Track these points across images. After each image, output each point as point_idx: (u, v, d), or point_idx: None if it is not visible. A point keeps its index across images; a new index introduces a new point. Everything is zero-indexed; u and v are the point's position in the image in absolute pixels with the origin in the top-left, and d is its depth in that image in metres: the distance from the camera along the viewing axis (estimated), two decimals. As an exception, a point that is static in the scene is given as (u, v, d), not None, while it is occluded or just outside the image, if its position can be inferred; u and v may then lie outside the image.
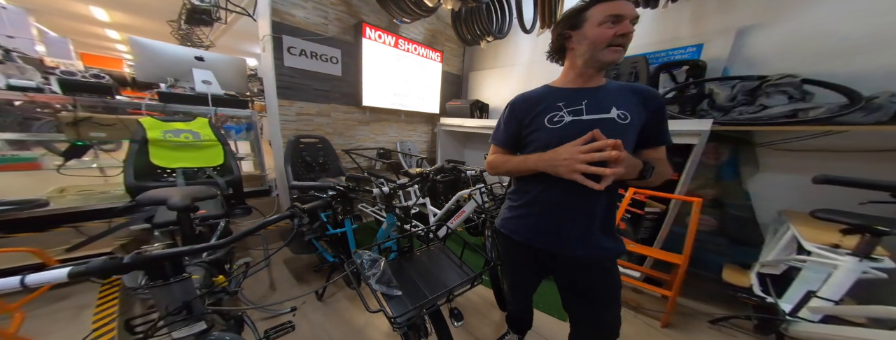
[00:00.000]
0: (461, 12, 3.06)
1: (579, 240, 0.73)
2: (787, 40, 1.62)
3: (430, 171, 1.75)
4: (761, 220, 1.72)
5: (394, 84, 2.99)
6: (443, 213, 1.92)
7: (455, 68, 3.77)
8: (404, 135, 3.36)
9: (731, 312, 1.46)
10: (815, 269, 1.14)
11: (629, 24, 0.65)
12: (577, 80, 0.74)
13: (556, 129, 0.71)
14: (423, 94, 3.32)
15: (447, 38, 3.53)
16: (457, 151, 3.75)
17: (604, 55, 0.66)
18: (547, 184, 0.72)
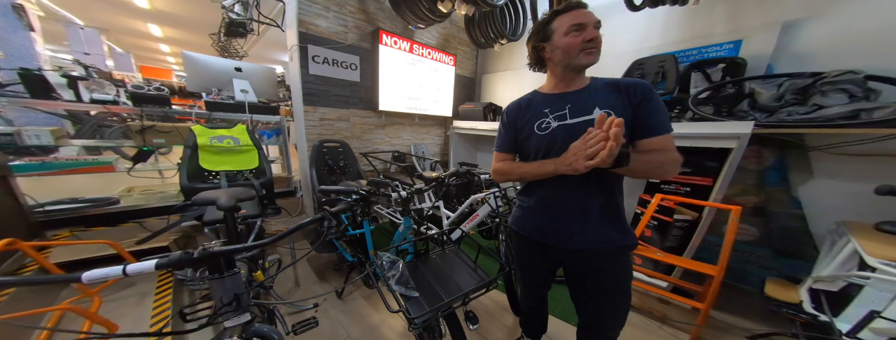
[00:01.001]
0: (475, 16, 3.10)
1: (579, 234, 0.76)
2: (841, 33, 1.46)
3: (446, 176, 1.81)
4: (815, 231, 1.56)
5: (408, 88, 3.09)
6: (456, 216, 1.93)
7: (468, 71, 3.82)
8: (418, 138, 3.46)
9: (772, 329, 1.38)
10: (880, 287, 1.04)
11: (593, 29, 0.69)
12: (559, 85, 0.79)
13: (544, 136, 0.75)
14: (436, 98, 3.40)
15: (460, 41, 3.59)
16: (469, 154, 3.80)
17: (579, 59, 0.70)
18: (547, 183, 0.78)
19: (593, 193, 0.75)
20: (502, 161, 0.87)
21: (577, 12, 0.69)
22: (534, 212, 0.84)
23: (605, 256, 0.78)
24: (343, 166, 2.48)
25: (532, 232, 0.85)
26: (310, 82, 2.39)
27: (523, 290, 1.04)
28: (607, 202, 0.76)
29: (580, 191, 0.75)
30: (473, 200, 1.78)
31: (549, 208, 0.80)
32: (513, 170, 0.82)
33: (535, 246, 0.86)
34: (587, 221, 0.76)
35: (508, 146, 0.86)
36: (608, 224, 0.76)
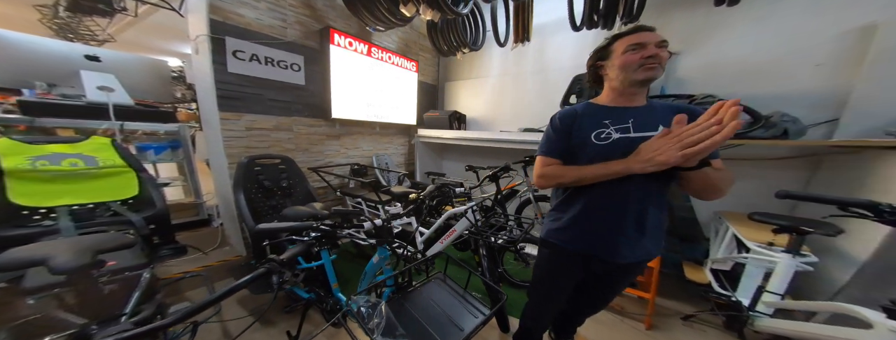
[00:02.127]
0: (438, 23, 2.82)
1: (632, 247, 0.72)
2: (706, 66, 1.81)
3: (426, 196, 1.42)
4: (701, 220, 1.75)
5: (367, 94, 2.57)
6: (432, 233, 1.62)
7: (431, 78, 3.44)
8: (380, 149, 2.94)
9: (698, 308, 1.48)
10: (757, 264, 1.20)
11: (654, 47, 0.66)
12: (618, 99, 0.74)
13: (604, 145, 0.70)
14: (398, 105, 2.93)
15: (421, 47, 3.20)
16: (435, 163, 3.41)
17: (637, 74, 0.68)
18: (597, 191, 0.72)
19: (653, 203, 0.71)
20: (550, 165, 0.77)
21: (637, 34, 0.69)
22: (577, 222, 0.76)
23: (638, 267, 0.78)
24: (287, 186, 1.84)
25: (574, 243, 0.77)
26: (229, 83, 1.73)
27: (541, 306, 0.90)
28: (661, 214, 0.73)
29: (640, 200, 0.70)
30: (451, 215, 1.51)
31: (599, 218, 0.73)
32: (566, 172, 0.73)
33: (574, 259, 0.78)
34: (643, 234, 0.71)
35: (559, 150, 0.77)
36: (656, 238, 0.74)
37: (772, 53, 1.61)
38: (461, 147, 3.11)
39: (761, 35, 1.63)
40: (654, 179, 0.66)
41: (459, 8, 2.19)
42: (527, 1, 2.31)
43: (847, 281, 1.12)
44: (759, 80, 1.63)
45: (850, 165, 1.37)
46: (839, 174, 1.42)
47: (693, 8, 1.77)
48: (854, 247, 1.15)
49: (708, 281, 1.41)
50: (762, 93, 1.59)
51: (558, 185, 0.78)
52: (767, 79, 1.61)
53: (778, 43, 1.59)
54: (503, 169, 2.01)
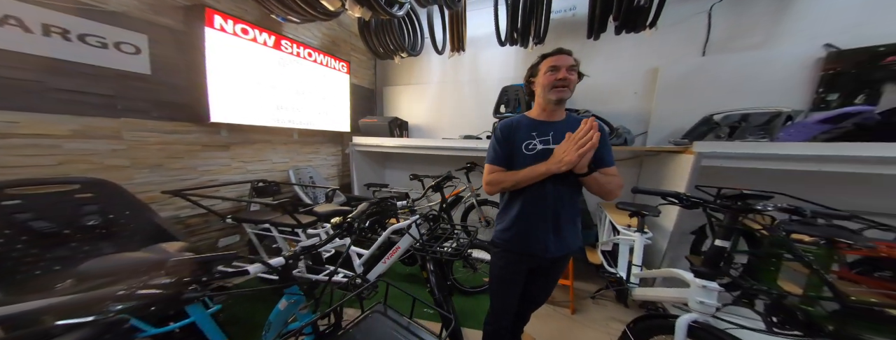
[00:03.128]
0: (371, 23, 2.35)
1: (555, 242, 0.79)
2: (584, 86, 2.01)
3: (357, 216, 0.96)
4: (591, 209, 1.98)
5: (277, 95, 1.90)
6: (371, 255, 1.30)
7: (367, 81, 2.88)
8: (301, 160, 2.23)
9: (599, 286, 1.62)
10: (625, 243, 1.40)
11: (565, 71, 0.76)
12: (542, 114, 0.83)
13: (530, 156, 0.78)
14: (326, 109, 2.29)
15: (354, 48, 2.63)
16: (375, 173, 2.84)
17: (551, 94, 0.78)
18: (525, 196, 0.79)
19: (565, 202, 0.78)
20: (494, 172, 0.83)
21: (555, 57, 0.78)
22: (516, 224, 0.81)
23: (564, 259, 0.86)
24: (99, 225, 1.08)
25: (515, 243, 0.82)
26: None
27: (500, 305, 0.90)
28: (573, 210, 0.81)
29: (555, 200, 0.77)
30: (394, 230, 1.25)
31: (530, 219, 0.79)
32: (506, 178, 0.80)
33: (518, 257, 0.83)
34: (560, 230, 0.79)
35: (501, 159, 0.83)
36: (573, 231, 0.82)
37: (615, 81, 1.97)
38: (405, 155, 2.64)
39: (610, 66, 1.99)
40: (565, 183, 0.75)
41: (394, 10, 1.79)
42: (460, 11, 2.11)
43: (666, 247, 1.43)
44: (609, 101, 1.99)
45: (656, 164, 1.73)
46: (652, 170, 1.79)
47: (575, 37, 1.95)
48: (666, 223, 1.44)
49: (600, 262, 1.54)
50: (612, 111, 1.94)
51: (502, 190, 0.82)
52: (614, 100, 1.98)
53: (617, 74, 1.97)
54: (446, 177, 1.80)
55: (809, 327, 0.71)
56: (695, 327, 0.73)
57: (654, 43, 1.81)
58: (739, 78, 1.61)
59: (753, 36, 1.62)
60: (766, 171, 1.17)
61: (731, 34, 1.67)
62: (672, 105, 1.78)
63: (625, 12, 1.54)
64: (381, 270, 1.18)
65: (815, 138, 1.19)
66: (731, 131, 1.42)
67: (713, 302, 0.75)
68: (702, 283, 0.77)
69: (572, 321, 1.41)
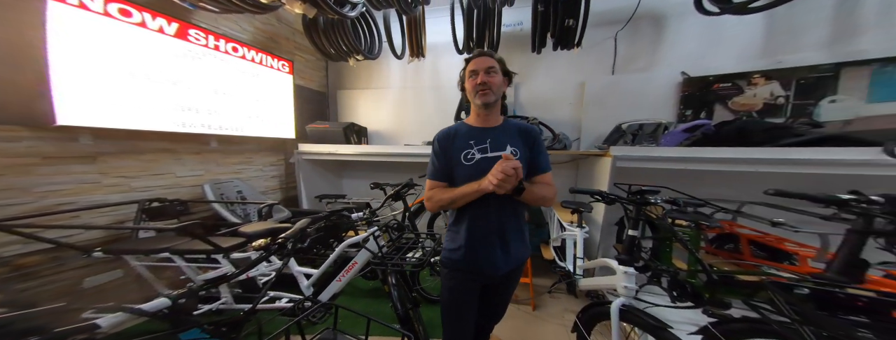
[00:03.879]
0: (318, 21, 2.00)
1: (504, 259, 0.73)
2: (533, 95, 2.17)
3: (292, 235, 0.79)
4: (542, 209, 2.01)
5: (182, 93, 1.40)
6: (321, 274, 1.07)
7: (316, 84, 2.46)
8: (223, 172, 1.71)
9: (553, 280, 1.61)
10: (569, 238, 1.47)
11: (483, 74, 0.70)
12: (478, 120, 0.76)
13: (470, 166, 0.71)
14: (259, 113, 1.83)
15: (298, 46, 2.22)
16: (330, 184, 2.41)
17: (476, 100, 0.72)
18: (472, 212, 0.72)
19: (509, 216, 0.73)
20: (434, 189, 0.75)
21: (473, 61, 0.72)
22: (465, 242, 0.73)
23: (517, 270, 0.78)
24: None
25: (465, 262, 0.73)
26: None
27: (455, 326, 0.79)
28: (518, 223, 0.75)
29: (499, 215, 0.72)
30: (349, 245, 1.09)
31: (477, 236, 0.72)
32: (444, 196, 0.72)
33: (469, 276, 0.75)
34: (508, 245, 0.73)
35: (441, 174, 0.75)
36: (520, 244, 0.76)
37: (554, 92, 2.10)
38: (365, 163, 2.34)
39: (550, 78, 2.11)
40: (507, 196, 0.67)
41: (345, 10, 1.53)
42: (418, 17, 1.99)
43: (599, 239, 1.54)
44: (551, 109, 2.10)
45: (588, 165, 1.86)
46: (586, 171, 1.93)
47: (523, 50, 1.96)
48: (598, 218, 1.57)
49: (552, 258, 1.58)
50: (554, 118, 2.04)
51: (442, 208, 0.75)
52: (554, 109, 2.10)
53: (556, 85, 2.09)
54: (406, 185, 1.63)
55: (696, 297, 0.79)
56: (624, 310, 0.77)
57: (581, 60, 1.94)
58: (635, 94, 1.93)
59: (641, 61, 1.96)
60: (659, 170, 1.35)
61: (628, 58, 1.97)
62: (596, 114, 1.96)
63: (559, 31, 1.67)
64: (337, 289, 1.01)
65: (682, 144, 1.43)
66: (633, 137, 1.68)
67: (633, 286, 0.81)
68: (624, 269, 0.82)
69: (534, 317, 1.39)
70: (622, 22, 1.83)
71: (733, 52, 1.73)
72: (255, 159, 1.94)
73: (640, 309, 0.77)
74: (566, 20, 1.59)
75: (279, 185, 2.13)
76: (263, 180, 2.00)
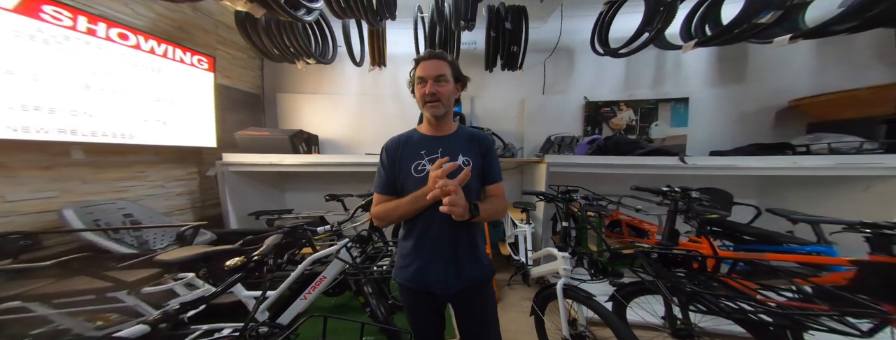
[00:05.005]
0: (261, 20, 1.70)
1: (455, 277, 0.66)
2: (487, 108, 2.39)
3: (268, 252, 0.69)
4: None
5: (26, 88, 0.99)
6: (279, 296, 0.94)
7: (247, 84, 2.13)
8: (96, 191, 1.25)
9: (511, 274, 1.75)
10: (520, 234, 1.66)
11: (432, 83, 0.62)
12: (430, 128, 0.70)
13: (420, 179, 0.64)
14: (161, 116, 1.45)
15: (222, 40, 1.90)
16: (269, 198, 2.08)
17: (426, 110, 0.65)
18: (419, 227, 0.66)
19: (462, 229, 0.66)
20: (380, 203, 0.67)
21: (423, 63, 0.64)
22: (414, 260, 0.67)
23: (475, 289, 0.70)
24: None
25: (415, 282, 0.67)
26: None
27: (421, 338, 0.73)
28: (470, 240, 0.68)
29: (449, 232, 0.64)
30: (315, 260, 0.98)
31: (426, 252, 0.66)
32: (390, 210, 0.64)
33: (421, 297, 0.68)
34: (460, 262, 0.66)
35: (387, 186, 0.67)
36: (474, 264, 0.68)
37: (504, 106, 2.36)
38: (314, 174, 2.10)
39: (500, 94, 2.35)
40: None
41: (300, 13, 1.42)
42: (380, 29, 1.97)
43: (541, 232, 1.73)
44: (501, 121, 2.35)
45: (531, 171, 2.09)
46: (529, 176, 2.15)
47: (479, 66, 2.12)
48: (538, 214, 1.78)
49: (508, 253, 1.74)
50: (505, 129, 2.28)
51: (390, 223, 0.69)
52: (504, 121, 2.35)
53: (505, 101, 2.35)
54: None
55: (604, 271, 1.07)
56: (566, 288, 0.93)
57: (523, 80, 2.21)
58: (558, 111, 2.41)
59: (561, 85, 2.34)
60: (575, 173, 1.64)
61: (553, 82, 2.31)
62: (534, 127, 2.27)
63: (506, 54, 1.85)
64: (301, 308, 0.93)
65: (587, 153, 1.78)
66: (559, 147, 2.07)
67: (570, 267, 0.98)
68: (562, 255, 1.00)
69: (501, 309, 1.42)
70: (549, 51, 2.18)
71: (612, 85, 2.41)
72: (151, 173, 1.51)
73: (575, 286, 0.93)
74: (511, 46, 1.88)
75: (190, 204, 1.69)
76: (165, 199, 1.56)
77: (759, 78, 2.06)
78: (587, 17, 1.89)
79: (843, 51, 1.89)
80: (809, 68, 1.98)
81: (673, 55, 2.09)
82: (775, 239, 1.21)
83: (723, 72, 2.14)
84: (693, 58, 2.12)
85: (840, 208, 1.41)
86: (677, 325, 0.86)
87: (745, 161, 1.55)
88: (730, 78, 2.12)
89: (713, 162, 1.60)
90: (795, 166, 1.44)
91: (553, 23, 2.05)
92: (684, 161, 1.52)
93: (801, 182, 1.64)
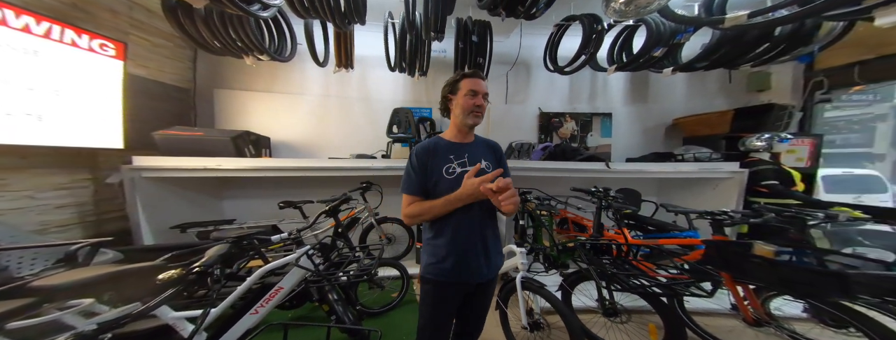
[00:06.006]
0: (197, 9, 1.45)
1: (486, 266, 0.75)
2: None
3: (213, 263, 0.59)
4: None
5: None
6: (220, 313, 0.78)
7: (173, 77, 1.82)
8: None
9: None
10: None
11: (481, 98, 0.75)
12: (458, 136, 0.80)
13: (452, 180, 0.73)
14: (36, 109, 1.12)
15: (136, 24, 1.59)
16: (201, 207, 1.79)
17: (468, 119, 0.76)
18: (457, 220, 0.73)
19: (489, 224, 0.76)
20: (412, 203, 0.75)
21: (476, 80, 0.76)
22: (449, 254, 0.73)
23: (494, 280, 0.81)
24: None
25: (450, 275, 0.73)
26: None
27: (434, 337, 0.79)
28: (495, 232, 0.78)
29: (481, 223, 0.75)
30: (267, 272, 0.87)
31: (463, 245, 0.73)
32: (425, 210, 0.73)
33: (453, 288, 0.75)
34: (488, 254, 0.76)
35: (418, 188, 0.75)
36: (497, 254, 0.79)
37: None
38: (264, 179, 1.89)
39: None
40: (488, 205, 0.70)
41: (255, 9, 1.28)
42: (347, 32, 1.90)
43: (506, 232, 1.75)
44: None
45: None
46: None
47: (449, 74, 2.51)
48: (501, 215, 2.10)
49: None
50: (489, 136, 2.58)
51: (423, 221, 0.76)
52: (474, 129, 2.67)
53: None
54: (343, 200, 1.47)
55: (555, 264, 1.23)
56: (524, 281, 1.04)
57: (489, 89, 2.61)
58: (518, 120, 2.67)
59: (520, 95, 2.52)
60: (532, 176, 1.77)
61: (514, 92, 2.46)
62: (498, 134, 2.36)
63: (473, 65, 1.95)
64: (251, 323, 0.83)
65: (542, 158, 1.96)
66: (518, 153, 2.36)
67: (526, 261, 1.10)
68: (520, 250, 1.12)
69: None
70: (511, 64, 2.36)
71: (560, 98, 2.79)
72: (14, 181, 1.14)
73: (531, 278, 1.06)
74: (478, 58, 2.03)
75: (79, 218, 1.32)
76: (36, 213, 1.19)
77: (656, 99, 2.66)
78: (542, 36, 2.13)
79: (704, 83, 2.59)
80: (686, 94, 2.64)
81: (602, 76, 2.54)
82: (666, 227, 1.57)
83: (634, 94, 2.69)
84: (616, 80, 2.61)
85: (703, 202, 1.83)
86: (606, 305, 1.05)
87: (648, 166, 1.99)
88: (638, 98, 2.68)
89: (628, 167, 2.00)
90: (676, 171, 1.87)
91: (515, 38, 2.20)
92: (609, 166, 1.86)
93: (681, 182, 2.16)
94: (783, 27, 1.54)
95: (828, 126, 2.60)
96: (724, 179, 1.88)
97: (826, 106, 2.35)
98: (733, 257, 0.98)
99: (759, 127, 2.06)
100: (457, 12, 1.79)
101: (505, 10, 1.50)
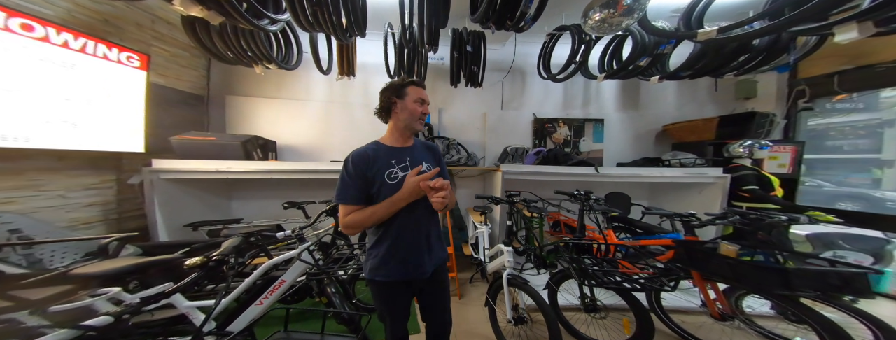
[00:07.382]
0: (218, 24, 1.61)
1: (428, 262, 0.79)
2: (453, 120, 2.58)
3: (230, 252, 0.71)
4: (462, 214, 2.39)
5: None
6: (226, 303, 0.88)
7: (189, 84, 1.96)
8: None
9: (473, 272, 1.92)
10: (480, 235, 1.81)
11: (427, 106, 0.81)
12: (399, 140, 0.81)
13: (394, 185, 0.74)
14: (70, 116, 1.27)
15: (158, 36, 1.74)
16: (212, 207, 1.91)
17: (417, 125, 0.79)
18: (399, 224, 0.75)
19: (433, 221, 0.81)
20: (352, 213, 0.73)
21: (422, 90, 0.80)
22: (392, 255, 0.76)
23: (440, 272, 0.84)
24: None
25: (394, 275, 0.76)
26: None
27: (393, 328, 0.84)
28: (438, 230, 0.83)
29: (426, 221, 0.78)
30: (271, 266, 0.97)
31: (406, 244, 0.76)
32: (366, 217, 0.72)
33: (398, 286, 0.79)
34: (431, 249, 0.79)
35: (357, 197, 0.74)
36: (439, 247, 0.82)
37: (467, 118, 2.56)
38: (270, 181, 2.00)
39: (464, 107, 2.55)
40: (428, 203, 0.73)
41: (264, 23, 1.40)
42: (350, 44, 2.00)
43: (498, 232, 1.90)
44: (465, 133, 2.55)
45: (491, 178, 2.26)
46: (489, 182, 2.30)
47: (445, 81, 2.31)
48: (495, 216, 1.95)
49: (470, 253, 1.91)
50: (468, 139, 2.48)
51: (365, 228, 0.76)
52: (467, 133, 2.54)
53: (468, 114, 2.55)
54: None
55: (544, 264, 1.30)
56: (510, 278, 1.12)
57: (484, 95, 2.47)
58: (513, 125, 2.76)
59: (515, 102, 2.61)
60: (526, 180, 1.87)
61: (510, 99, 2.57)
62: (494, 139, 2.50)
63: (468, 73, 2.06)
64: (256, 314, 0.92)
65: (535, 162, 2.04)
66: (512, 157, 2.44)
67: (513, 259, 1.19)
68: (507, 249, 1.22)
69: (461, 304, 1.59)
70: (506, 70, 2.47)
71: (554, 104, 2.89)
72: (49, 181, 1.27)
73: (517, 275, 1.14)
74: (472, 66, 2.15)
75: (102, 216, 1.45)
76: (67, 211, 1.32)
77: (647, 106, 2.74)
78: (537, 44, 2.23)
79: (694, 90, 2.67)
80: (675, 102, 2.73)
81: (594, 83, 2.64)
82: (652, 229, 1.66)
83: (625, 100, 2.78)
84: (608, 87, 2.70)
85: (690, 206, 1.94)
86: (586, 301, 1.13)
87: (637, 171, 2.06)
88: (629, 105, 2.77)
89: (618, 171, 2.08)
90: (664, 176, 1.96)
91: (510, 47, 2.33)
92: (597, 170, 1.95)
93: (671, 187, 2.25)
94: (761, 39, 1.61)
95: (834, 131, 2.59)
96: (709, 184, 1.96)
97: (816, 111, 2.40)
98: (700, 255, 1.06)
99: (742, 134, 2.13)
100: (454, 23, 1.90)
101: (494, 24, 1.58)
